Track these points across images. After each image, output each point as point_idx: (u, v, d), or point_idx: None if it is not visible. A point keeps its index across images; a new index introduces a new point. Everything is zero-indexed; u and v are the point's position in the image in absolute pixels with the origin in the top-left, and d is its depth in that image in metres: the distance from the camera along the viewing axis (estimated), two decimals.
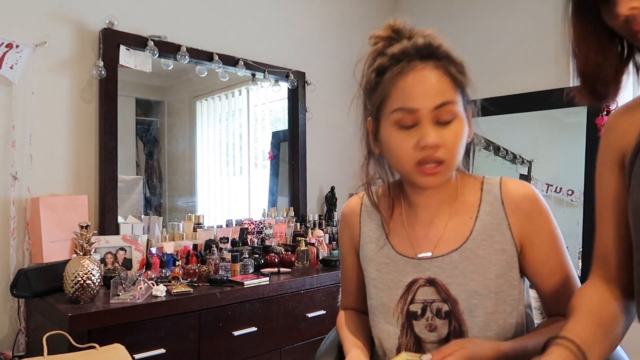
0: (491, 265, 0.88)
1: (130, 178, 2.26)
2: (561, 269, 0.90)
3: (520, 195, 0.90)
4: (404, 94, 0.84)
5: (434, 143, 0.82)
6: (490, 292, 0.87)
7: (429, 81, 0.83)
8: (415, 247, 0.94)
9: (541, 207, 0.90)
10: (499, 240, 0.89)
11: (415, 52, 0.85)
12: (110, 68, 2.05)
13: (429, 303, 0.90)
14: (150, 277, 1.80)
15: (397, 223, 0.98)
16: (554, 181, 2.48)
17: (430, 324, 0.90)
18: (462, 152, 0.88)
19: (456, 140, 0.84)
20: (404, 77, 0.84)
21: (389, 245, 0.97)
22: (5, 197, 1.84)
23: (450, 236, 0.92)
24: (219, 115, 2.67)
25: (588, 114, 2.35)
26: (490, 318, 0.86)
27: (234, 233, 2.37)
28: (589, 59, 0.77)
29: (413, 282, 0.92)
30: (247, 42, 2.58)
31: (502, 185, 0.92)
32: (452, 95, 0.84)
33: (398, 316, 0.92)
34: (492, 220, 0.90)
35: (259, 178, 2.81)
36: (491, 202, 0.91)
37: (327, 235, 2.65)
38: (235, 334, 1.79)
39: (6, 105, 1.85)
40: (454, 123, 0.84)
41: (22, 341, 1.81)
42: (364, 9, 3.17)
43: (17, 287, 1.68)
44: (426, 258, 0.92)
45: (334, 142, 2.99)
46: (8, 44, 1.82)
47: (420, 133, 0.83)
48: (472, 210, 0.92)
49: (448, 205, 0.94)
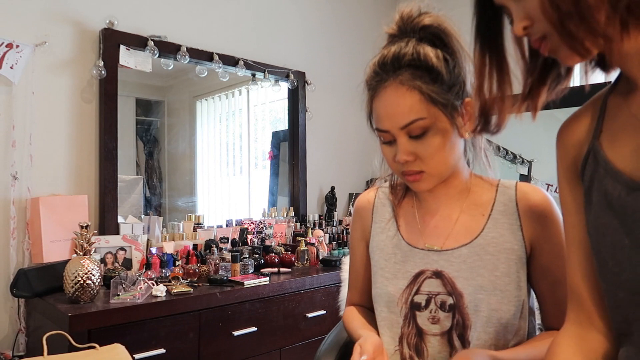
0: (500, 263, 0.88)
1: (130, 178, 2.26)
2: (564, 281, 0.89)
3: (535, 200, 0.91)
4: (376, 116, 0.89)
5: (404, 160, 0.86)
6: (495, 288, 0.87)
7: (392, 103, 0.85)
8: (425, 239, 0.95)
9: (554, 215, 0.90)
10: (509, 240, 0.89)
11: (384, 70, 0.87)
12: (110, 68, 2.05)
13: (433, 295, 0.91)
14: (150, 277, 1.80)
15: (409, 215, 1.00)
16: (553, 181, 2.48)
17: (433, 316, 0.90)
18: (450, 157, 0.89)
19: (432, 151, 0.86)
20: (376, 99, 0.89)
21: (399, 236, 0.98)
22: (5, 197, 1.84)
23: (461, 230, 0.93)
24: (219, 115, 2.67)
25: None
26: (493, 315, 0.86)
27: (234, 233, 2.37)
28: None
29: (420, 273, 0.93)
30: (247, 42, 2.58)
31: (518, 188, 0.93)
32: (420, 111, 0.84)
33: (402, 306, 0.93)
34: (504, 220, 0.91)
35: (259, 178, 2.81)
36: (505, 202, 0.92)
37: (327, 235, 2.65)
38: (235, 334, 1.79)
39: (6, 105, 1.86)
40: (428, 135, 0.85)
41: (22, 341, 1.81)
42: (364, 9, 3.17)
43: (17, 287, 1.69)
44: (435, 250, 0.93)
45: (334, 142, 2.99)
46: (8, 44, 1.82)
47: (396, 148, 0.88)
48: (485, 209, 0.93)
49: (459, 201, 0.95)
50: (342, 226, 2.85)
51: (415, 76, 0.84)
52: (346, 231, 2.79)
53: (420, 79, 0.84)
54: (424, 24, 0.86)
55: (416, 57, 0.84)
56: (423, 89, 0.84)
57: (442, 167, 0.88)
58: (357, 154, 3.08)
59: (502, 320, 0.87)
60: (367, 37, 3.16)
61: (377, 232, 1.03)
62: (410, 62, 0.84)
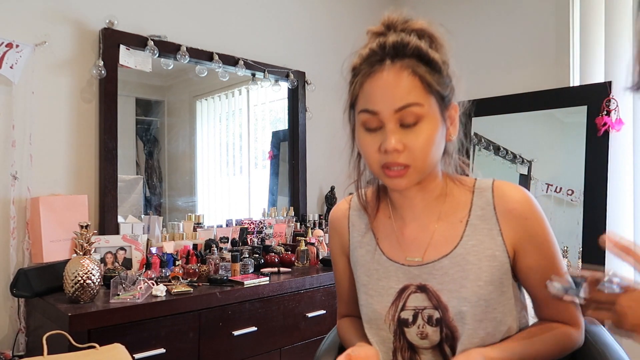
0: (481, 272, 0.86)
1: (130, 178, 2.26)
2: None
3: (513, 200, 0.87)
4: (367, 96, 0.84)
5: (393, 148, 0.81)
6: (480, 299, 0.85)
7: (391, 83, 0.81)
8: (405, 252, 0.93)
9: (535, 212, 0.87)
10: (489, 246, 0.87)
11: (384, 52, 0.83)
12: (110, 68, 2.05)
13: (420, 310, 0.89)
14: (150, 276, 1.80)
15: (387, 226, 0.97)
16: (553, 181, 2.48)
17: (421, 332, 0.89)
18: (436, 154, 0.86)
19: (421, 143, 0.82)
20: (370, 79, 0.83)
21: (379, 251, 0.95)
22: (5, 197, 1.84)
23: (440, 240, 0.90)
24: (219, 115, 2.67)
25: (588, 114, 2.35)
26: (478, 325, 0.85)
27: (234, 233, 2.37)
28: None
29: (404, 288, 0.91)
30: (247, 42, 2.58)
31: (495, 189, 0.89)
32: (418, 96, 0.81)
33: (390, 323, 0.91)
34: (483, 225, 0.88)
35: (259, 178, 2.81)
36: (483, 206, 0.89)
37: (327, 235, 2.65)
38: (235, 333, 1.79)
39: (6, 105, 1.85)
40: (420, 126, 0.82)
41: (22, 341, 1.81)
42: (364, 9, 3.17)
43: (17, 287, 1.69)
44: (416, 264, 0.90)
45: (334, 142, 2.99)
46: (8, 44, 1.82)
47: (383, 136, 0.83)
48: (463, 214, 0.90)
49: (436, 207, 0.92)
50: None
51: (418, 65, 0.82)
52: None
53: (422, 68, 0.82)
54: (416, 27, 0.85)
55: (419, 47, 0.83)
56: (425, 77, 0.82)
57: (426, 164, 0.84)
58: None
59: (489, 329, 0.86)
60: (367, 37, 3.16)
61: (356, 246, 1.00)
62: (414, 52, 0.82)
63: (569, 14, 2.53)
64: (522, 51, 2.71)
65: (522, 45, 2.71)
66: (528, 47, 2.69)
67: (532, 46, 2.68)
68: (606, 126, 2.28)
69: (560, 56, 2.58)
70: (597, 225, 2.26)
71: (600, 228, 2.25)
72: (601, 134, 2.29)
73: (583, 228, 2.31)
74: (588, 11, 2.48)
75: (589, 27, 2.47)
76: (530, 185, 2.54)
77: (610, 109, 2.28)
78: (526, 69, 2.69)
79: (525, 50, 2.70)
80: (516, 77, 2.71)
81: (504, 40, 2.79)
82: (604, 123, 2.28)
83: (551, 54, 2.61)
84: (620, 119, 2.28)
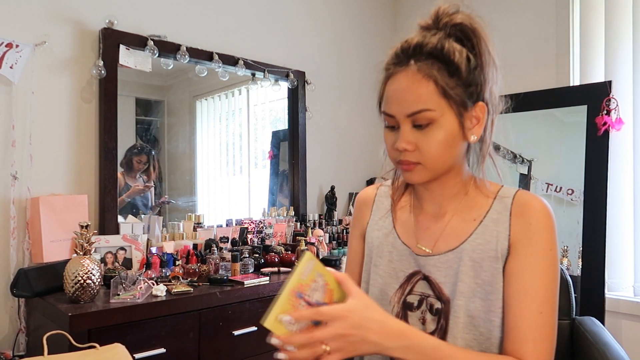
0: (482, 271, 0.87)
1: None
2: (534, 295, 0.82)
3: (529, 207, 0.87)
4: (387, 99, 0.88)
5: (403, 148, 0.85)
6: (474, 295, 0.86)
7: (404, 88, 0.84)
8: (418, 239, 0.96)
9: (546, 224, 0.86)
10: (494, 247, 0.87)
11: (407, 54, 0.85)
12: (110, 68, 2.05)
13: (426, 297, 0.91)
14: (151, 276, 1.80)
15: (405, 213, 1.00)
16: (554, 180, 2.48)
17: (423, 317, 0.91)
18: (449, 154, 0.86)
19: (431, 145, 0.84)
20: (390, 82, 0.88)
21: (395, 234, 0.99)
22: (5, 197, 1.84)
23: (450, 234, 0.92)
24: (219, 114, 2.67)
25: (588, 114, 2.35)
26: (469, 321, 0.86)
27: (234, 233, 2.37)
28: None
29: (414, 273, 0.93)
30: (247, 42, 2.58)
31: (516, 197, 0.90)
32: (430, 102, 0.82)
33: (394, 305, 0.94)
34: (494, 227, 0.89)
35: (259, 178, 2.81)
36: (500, 210, 0.90)
37: (327, 235, 2.65)
38: (235, 333, 1.79)
39: (6, 105, 1.85)
40: (431, 128, 0.84)
41: (22, 341, 1.81)
42: (364, 9, 3.17)
43: (17, 287, 1.69)
44: (424, 254, 0.93)
45: (334, 142, 2.99)
46: (8, 44, 1.82)
47: (398, 135, 0.87)
48: (478, 214, 0.91)
49: (453, 203, 0.94)
50: (342, 226, 2.85)
51: (433, 66, 0.83)
52: (346, 231, 2.79)
53: (437, 70, 0.83)
54: (456, 22, 0.86)
55: (439, 49, 0.83)
56: (438, 80, 0.83)
57: (438, 163, 0.86)
58: (357, 153, 3.08)
59: (481, 328, 0.86)
60: (367, 37, 3.16)
61: (374, 227, 1.03)
62: (431, 52, 0.83)
63: (569, 13, 2.53)
64: (522, 51, 2.71)
65: (522, 45, 2.71)
66: (528, 47, 2.69)
67: (532, 46, 2.68)
68: (606, 126, 2.28)
69: (560, 56, 2.58)
70: (597, 225, 2.26)
71: (600, 228, 2.25)
72: (601, 134, 2.29)
73: (583, 228, 2.31)
74: (588, 11, 2.48)
75: (589, 27, 2.47)
76: (530, 184, 2.54)
77: (611, 109, 2.28)
78: (526, 69, 2.69)
79: (525, 50, 2.70)
80: (516, 76, 2.71)
81: (504, 40, 2.78)
82: (604, 122, 2.28)
83: (551, 53, 2.61)
84: (620, 119, 2.28)
